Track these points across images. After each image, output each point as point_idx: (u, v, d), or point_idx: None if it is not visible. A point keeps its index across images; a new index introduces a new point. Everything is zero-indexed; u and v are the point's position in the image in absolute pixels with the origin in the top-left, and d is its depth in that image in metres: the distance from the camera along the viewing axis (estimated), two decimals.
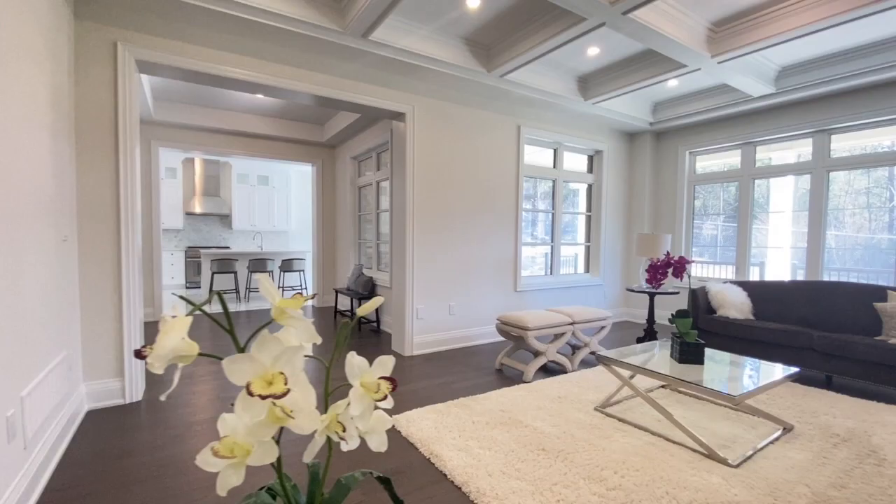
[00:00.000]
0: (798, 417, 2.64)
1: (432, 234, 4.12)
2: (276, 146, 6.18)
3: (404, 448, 2.26)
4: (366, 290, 5.04)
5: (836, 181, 4.31)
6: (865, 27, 3.32)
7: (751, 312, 3.93)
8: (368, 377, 0.63)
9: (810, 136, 4.43)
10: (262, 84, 3.31)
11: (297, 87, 3.41)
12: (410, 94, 3.92)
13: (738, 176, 5.02)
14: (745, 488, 1.87)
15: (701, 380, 2.28)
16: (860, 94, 4.02)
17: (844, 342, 3.12)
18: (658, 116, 5.26)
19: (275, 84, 3.33)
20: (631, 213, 5.90)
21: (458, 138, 4.26)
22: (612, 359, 2.63)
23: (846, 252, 4.31)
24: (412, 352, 4.01)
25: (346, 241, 6.23)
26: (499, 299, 4.67)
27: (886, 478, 1.98)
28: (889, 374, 2.94)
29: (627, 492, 1.84)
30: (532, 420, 2.54)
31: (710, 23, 3.35)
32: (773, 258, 5.04)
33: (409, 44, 3.30)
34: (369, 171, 5.66)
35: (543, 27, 3.20)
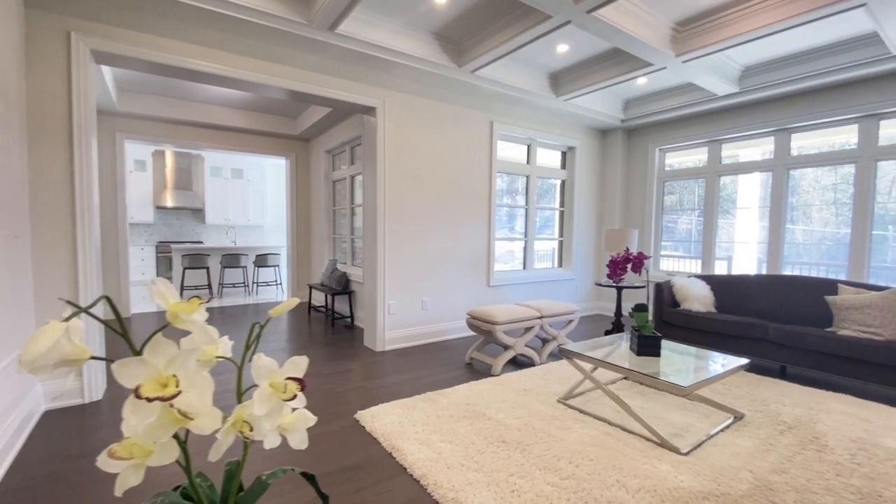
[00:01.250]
0: (750, 406, 2.75)
1: (405, 229, 4.12)
2: (249, 139, 6.06)
3: (367, 443, 2.27)
4: (340, 286, 5.02)
5: (805, 177, 4.45)
6: (822, 30, 3.43)
7: (713, 305, 4.06)
8: (277, 378, 0.64)
9: (772, 135, 4.58)
10: (229, 77, 3.25)
11: (265, 81, 3.35)
12: (381, 88, 3.90)
13: (705, 173, 5.15)
14: (691, 475, 1.95)
15: (656, 372, 2.36)
16: (818, 95, 4.17)
17: (797, 333, 3.26)
18: (629, 114, 5.35)
19: (243, 77, 3.27)
20: (603, 209, 6.00)
21: (431, 133, 4.26)
22: (574, 352, 2.69)
23: (813, 246, 4.48)
24: (384, 347, 4.02)
25: (320, 235, 6.18)
26: (472, 294, 4.71)
27: (825, 463, 2.09)
28: (837, 364, 3.09)
29: (580, 480, 1.90)
30: (496, 413, 2.59)
31: (674, 22, 3.41)
32: (740, 253, 5.21)
33: (377, 37, 3.28)
34: (343, 164, 5.61)
35: (511, 23, 3.22)
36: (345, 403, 2.79)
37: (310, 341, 4.35)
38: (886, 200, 3.93)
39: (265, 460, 2.09)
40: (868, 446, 2.25)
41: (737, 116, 4.75)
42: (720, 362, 2.57)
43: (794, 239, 4.57)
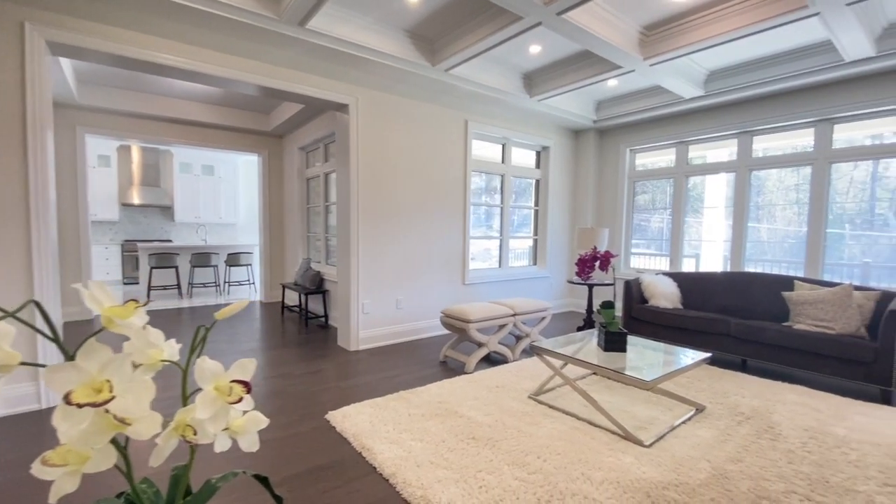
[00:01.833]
0: (711, 398, 2.86)
1: (379, 227, 4.10)
2: (219, 135, 5.91)
3: (337, 443, 2.26)
4: (313, 285, 4.96)
5: (770, 178, 4.63)
6: (781, 37, 3.58)
7: (679, 302, 4.19)
8: (222, 381, 0.64)
9: (735, 137, 4.75)
10: (196, 72, 3.16)
11: (234, 76, 3.28)
12: (354, 85, 3.86)
13: (673, 173, 5.31)
14: (653, 466, 2.02)
15: (622, 367, 2.42)
16: (778, 99, 4.35)
17: (756, 328, 3.40)
18: (601, 114, 5.46)
19: (211, 72, 3.19)
20: (576, 208, 6.11)
21: (405, 131, 4.24)
22: (545, 349, 2.74)
23: (777, 244, 4.66)
24: (358, 346, 3.99)
25: (294, 234, 6.08)
26: (447, 292, 4.73)
27: (778, 451, 2.20)
28: (793, 357, 3.24)
29: (547, 475, 1.94)
30: (467, 410, 2.61)
31: (641, 26, 3.50)
32: (708, 250, 5.39)
33: (349, 34, 3.24)
34: (317, 162, 5.53)
35: (483, 23, 3.24)
36: (316, 404, 2.76)
37: (283, 341, 4.28)
38: (844, 200, 4.14)
39: (230, 463, 2.06)
40: (818, 435, 2.37)
41: (702, 119, 4.91)
42: (683, 357, 2.66)
43: (759, 237, 4.76)
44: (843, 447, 2.23)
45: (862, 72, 3.73)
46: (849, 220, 4.12)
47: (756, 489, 1.86)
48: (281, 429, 2.43)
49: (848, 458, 2.13)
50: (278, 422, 2.52)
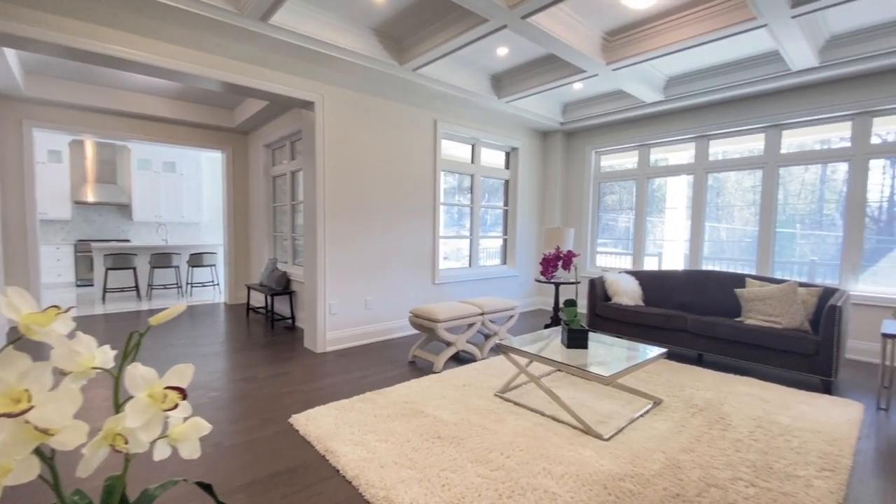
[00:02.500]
0: (668, 392, 2.98)
1: (347, 227, 4.05)
2: (180, 131, 5.70)
3: (300, 447, 2.23)
4: (280, 286, 4.85)
5: (729, 180, 4.84)
6: (735, 46, 3.75)
7: (641, 299, 4.34)
8: (156, 388, 0.62)
9: (693, 141, 4.96)
10: (154, 66, 3.04)
11: (195, 71, 3.17)
12: (320, 82, 3.80)
13: (636, 175, 5.49)
14: (611, 459, 2.09)
15: (584, 363, 2.49)
16: (732, 105, 4.57)
17: (711, 324, 3.56)
18: (567, 117, 5.58)
19: (169, 66, 3.07)
20: (544, 208, 6.23)
21: (374, 130, 4.21)
22: (510, 347, 2.78)
23: (735, 243, 4.88)
24: (325, 348, 3.94)
25: (260, 233, 5.93)
26: (417, 292, 4.72)
27: (727, 440, 2.31)
28: (744, 350, 3.41)
29: (509, 471, 1.97)
30: (433, 409, 2.63)
31: (604, 32, 3.60)
32: (670, 249, 5.60)
33: (314, 30, 3.19)
34: (284, 160, 5.42)
35: (450, 24, 3.25)
36: (280, 407, 2.71)
37: (248, 344, 4.17)
38: (796, 202, 4.38)
39: (188, 472, 1.99)
40: (765, 424, 2.51)
41: (663, 123, 5.10)
42: (641, 353, 2.76)
43: (719, 236, 4.98)
44: (786, 435, 2.37)
45: (807, 81, 3.97)
46: (800, 220, 4.37)
47: (705, 477, 1.95)
48: (242, 434, 2.38)
49: (790, 444, 2.27)
50: (240, 426, 2.46)
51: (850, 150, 3.95)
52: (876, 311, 3.80)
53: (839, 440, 2.32)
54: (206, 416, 2.58)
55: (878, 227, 3.94)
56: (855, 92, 3.85)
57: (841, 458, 2.15)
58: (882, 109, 3.78)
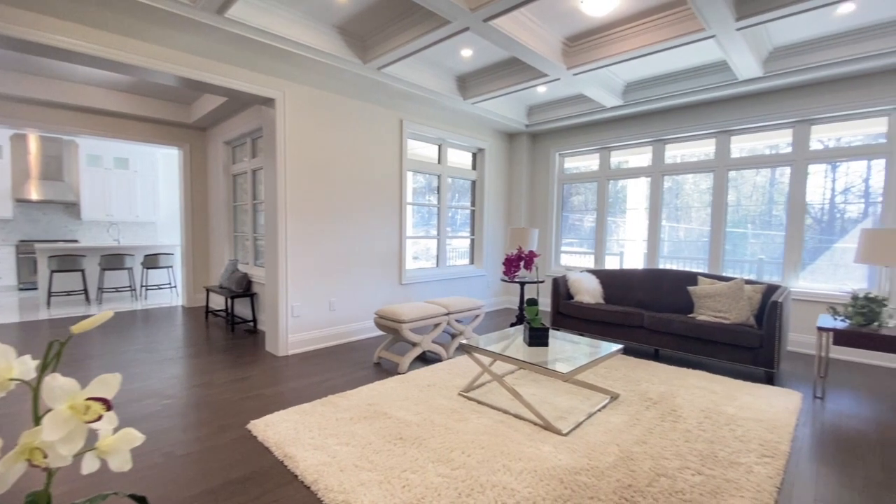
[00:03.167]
0: (625, 386, 3.09)
1: (310, 227, 3.98)
2: (133, 126, 5.42)
3: (258, 453, 2.17)
4: (240, 288, 4.71)
5: (687, 181, 5.05)
6: (688, 54, 3.92)
7: (602, 297, 4.48)
8: (77, 399, 0.60)
9: (650, 145, 5.15)
10: (102, 58, 2.88)
11: (147, 64, 3.02)
12: (281, 79, 3.71)
13: (597, 177, 5.65)
14: (568, 453, 2.15)
15: (544, 361, 2.55)
16: (685, 111, 4.78)
17: (666, 320, 3.72)
18: (532, 119, 5.68)
19: (119, 59, 2.92)
20: (511, 208, 6.32)
21: (338, 128, 4.15)
22: (473, 346, 2.81)
23: (692, 243, 5.10)
24: (287, 351, 3.85)
25: (219, 234, 5.73)
26: (383, 293, 4.69)
27: (678, 431, 2.42)
28: (696, 345, 3.58)
29: (469, 469, 1.99)
30: (397, 411, 2.62)
31: (565, 38, 3.69)
32: (630, 249, 5.80)
33: (272, 25, 3.11)
34: (245, 157, 5.25)
35: (413, 24, 3.25)
36: (237, 413, 2.63)
37: (206, 348, 4.02)
38: (748, 203, 4.62)
39: (137, 482, 1.91)
40: (713, 414, 2.65)
41: (622, 127, 5.28)
42: (599, 349, 2.85)
43: (677, 236, 5.19)
44: (731, 424, 2.51)
45: (753, 90, 4.20)
46: (751, 220, 4.62)
47: (656, 468, 2.04)
48: (197, 442, 2.29)
49: (735, 433, 2.40)
50: (194, 434, 2.37)
51: (791, 155, 4.22)
52: (814, 305, 4.08)
53: (779, 428, 2.48)
54: (158, 424, 2.48)
55: (821, 228, 4.22)
56: (795, 101, 4.12)
57: (780, 444, 2.29)
58: (819, 118, 4.06)
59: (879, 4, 3.05)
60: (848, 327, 2.95)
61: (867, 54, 3.43)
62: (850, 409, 2.83)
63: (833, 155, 4.03)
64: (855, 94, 3.83)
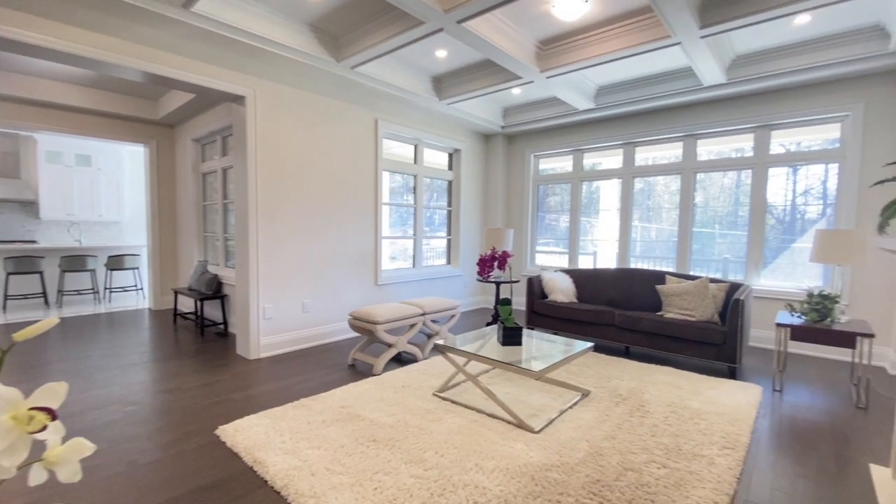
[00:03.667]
0: (596, 383, 3.16)
1: (282, 227, 3.91)
2: (95, 122, 5.21)
3: (226, 459, 2.12)
4: (210, 290, 4.58)
5: (658, 183, 5.19)
6: (658, 60, 4.04)
7: (575, 296, 4.57)
8: (20, 409, 0.57)
9: (621, 147, 5.28)
10: (63, 52, 2.76)
11: (110, 59, 2.91)
12: (252, 76, 3.63)
13: (571, 178, 5.76)
14: (540, 450, 2.18)
15: (517, 360, 2.58)
16: (654, 115, 4.92)
17: (635, 318, 3.82)
18: (508, 121, 5.74)
19: (81, 53, 2.80)
20: (487, 208, 6.37)
21: (311, 127, 4.09)
22: (447, 347, 2.82)
23: (663, 243, 5.24)
24: (259, 354, 3.77)
25: (188, 234, 5.57)
26: (359, 294, 4.65)
27: (645, 426, 2.50)
28: (664, 342, 3.69)
29: (442, 469, 2.00)
30: (370, 412, 2.60)
31: (538, 41, 3.74)
32: (603, 248, 5.92)
33: (242, 21, 3.04)
34: (215, 155, 5.12)
35: (387, 24, 3.24)
36: (206, 419, 2.56)
37: (174, 352, 3.90)
38: (716, 204, 4.79)
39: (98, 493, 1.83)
40: (678, 409, 2.74)
41: (594, 129, 5.39)
42: (571, 347, 2.90)
43: (649, 236, 5.33)
44: (695, 418, 2.60)
45: (717, 95, 4.36)
46: (718, 221, 4.79)
47: (624, 462, 2.10)
48: (162, 449, 2.22)
49: (698, 427, 2.49)
50: (159, 442, 2.30)
51: (753, 158, 4.40)
52: (775, 303, 4.27)
53: (739, 420, 2.58)
54: (120, 432, 2.39)
55: (783, 228, 4.41)
56: (756, 107, 4.30)
57: (740, 436, 2.39)
58: (778, 124, 4.25)
59: (832, 17, 3.22)
60: (804, 323, 3.10)
61: (821, 64, 3.61)
62: (805, 401, 2.97)
63: (791, 159, 4.23)
64: (811, 102, 4.03)
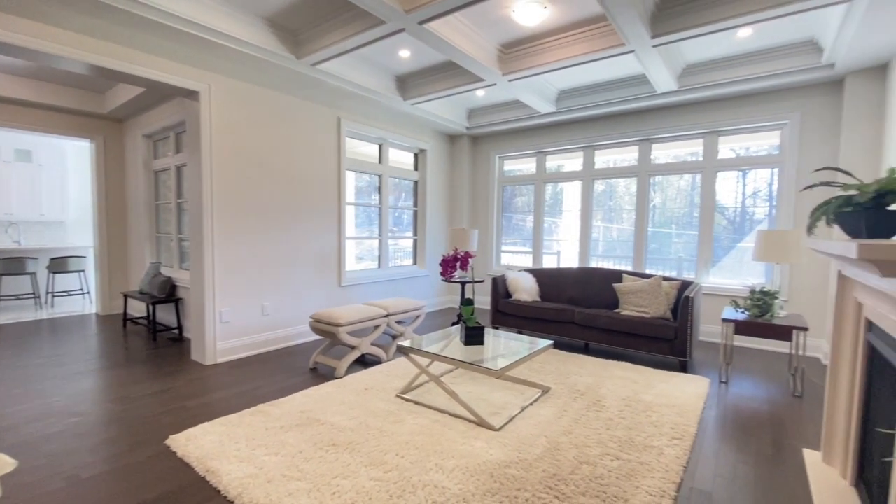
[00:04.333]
0: (556, 380, 3.25)
1: (240, 227, 3.79)
2: (35, 115, 4.87)
3: (177, 470, 2.04)
4: (163, 293, 4.38)
5: (619, 185, 5.35)
6: (615, 67, 4.18)
7: (538, 295, 4.67)
8: None
9: (581, 150, 5.44)
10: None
11: (49, 49, 2.73)
12: (206, 71, 3.50)
13: (534, 179, 5.88)
14: (499, 447, 2.22)
15: (479, 359, 2.61)
16: (612, 120, 5.10)
17: (594, 315, 3.95)
18: (473, 122, 5.79)
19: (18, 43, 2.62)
20: (453, 209, 6.40)
21: (271, 125, 3.98)
22: (410, 348, 2.82)
23: (624, 243, 5.42)
24: (215, 360, 3.64)
25: (139, 234, 5.29)
26: (322, 295, 4.57)
27: (601, 420, 2.59)
28: (620, 338, 3.83)
29: (402, 471, 2.00)
30: (331, 416, 2.57)
31: (500, 45, 3.80)
32: (567, 248, 6.07)
33: (193, 13, 2.91)
34: (168, 152, 4.89)
35: (348, 22, 3.20)
36: (156, 429, 2.45)
37: (124, 359, 3.70)
38: (672, 205, 5.00)
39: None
40: (633, 403, 2.85)
41: (556, 132, 5.53)
42: (532, 345, 2.96)
43: (611, 236, 5.50)
44: (648, 411, 2.72)
45: (669, 102, 4.57)
46: (675, 221, 5.01)
47: (579, 456, 2.17)
48: (106, 462, 2.11)
49: (650, 419, 2.61)
50: (104, 454, 2.18)
51: (702, 163, 4.64)
52: (723, 299, 4.51)
53: (688, 412, 2.72)
54: (61, 446, 2.25)
55: (734, 228, 4.66)
56: (705, 114, 4.53)
57: (688, 427, 2.52)
58: (725, 130, 4.49)
59: (771, 31, 3.44)
60: (747, 318, 3.29)
61: (762, 75, 3.85)
62: (748, 392, 3.17)
63: (737, 164, 4.49)
64: (754, 110, 4.29)
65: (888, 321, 1.46)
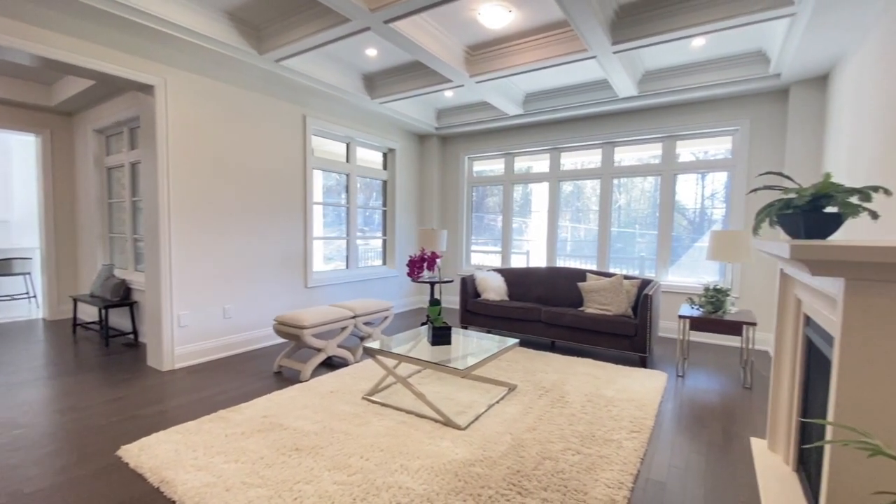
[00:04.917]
0: (523, 377, 3.30)
1: (198, 227, 3.65)
2: None
3: (128, 482, 1.95)
4: (116, 296, 4.17)
5: (586, 186, 5.47)
6: (580, 71, 4.28)
7: (506, 294, 4.73)
8: None
9: (548, 152, 5.55)
10: None
11: None
12: (162, 64, 3.35)
13: (502, 180, 5.95)
14: (465, 446, 2.24)
15: (446, 359, 2.62)
16: (576, 123, 5.23)
17: (559, 313, 4.04)
18: (441, 122, 5.80)
19: None
20: (423, 209, 6.40)
21: (232, 121, 3.86)
22: (376, 349, 2.80)
23: (591, 242, 5.55)
24: (173, 365, 3.50)
25: (90, 235, 5.02)
26: (287, 297, 4.47)
27: (564, 416, 2.65)
28: (584, 335, 3.94)
29: (366, 473, 1.99)
30: (294, 421, 2.52)
31: (466, 46, 3.83)
32: (535, 248, 6.17)
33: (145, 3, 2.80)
34: (122, 148, 4.66)
35: (312, 19, 3.14)
36: (107, 439, 2.33)
37: (73, 367, 3.50)
38: (637, 206, 5.16)
39: None
40: (594, 398, 2.94)
41: (524, 134, 5.61)
42: (499, 344, 3.00)
43: (579, 236, 5.63)
44: (609, 406, 2.81)
45: (630, 107, 4.73)
46: (639, 221, 5.18)
47: (542, 451, 2.22)
48: (52, 475, 1.99)
49: (611, 414, 2.69)
50: (49, 467, 2.06)
51: (661, 165, 4.83)
52: (680, 296, 4.71)
53: (646, 405, 2.83)
54: (2, 460, 2.11)
55: (693, 228, 4.86)
56: (664, 119, 4.71)
57: (646, 420, 2.62)
58: (682, 135, 4.69)
59: (723, 42, 3.62)
60: (701, 314, 3.45)
61: (715, 83, 4.04)
62: (703, 385, 3.32)
63: (694, 167, 4.69)
64: (708, 116, 4.49)
65: (822, 316, 1.57)
